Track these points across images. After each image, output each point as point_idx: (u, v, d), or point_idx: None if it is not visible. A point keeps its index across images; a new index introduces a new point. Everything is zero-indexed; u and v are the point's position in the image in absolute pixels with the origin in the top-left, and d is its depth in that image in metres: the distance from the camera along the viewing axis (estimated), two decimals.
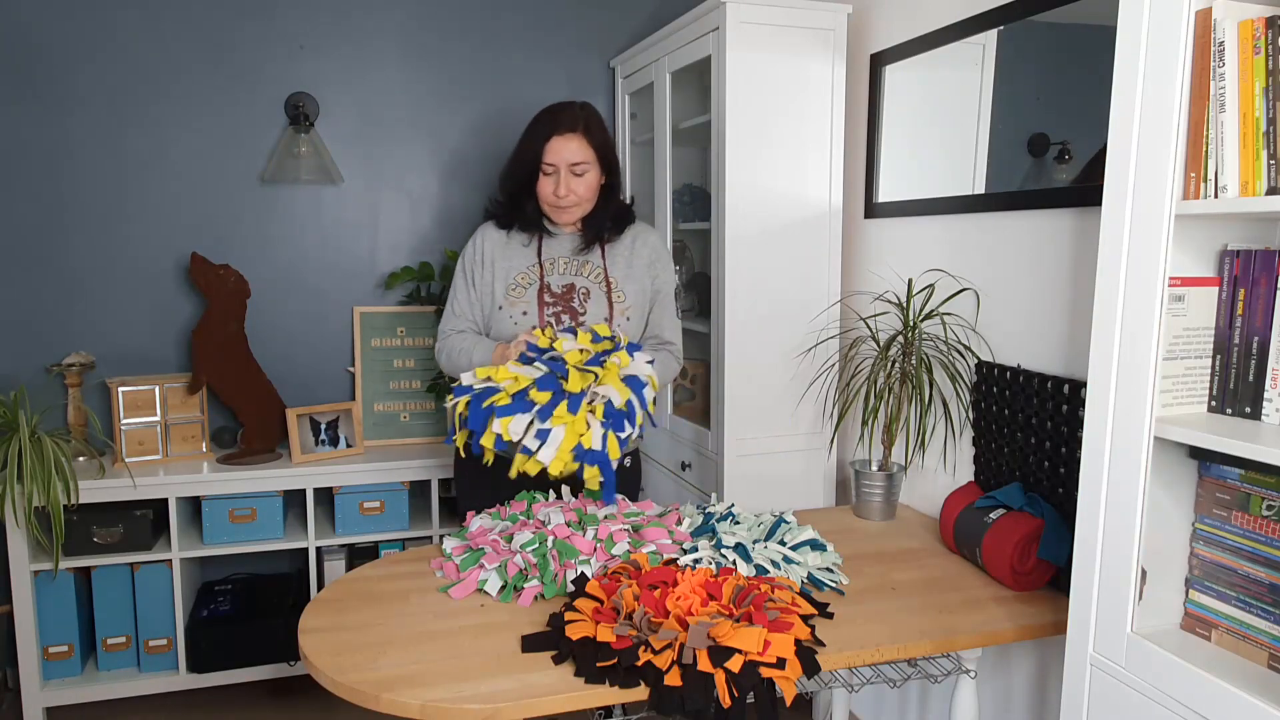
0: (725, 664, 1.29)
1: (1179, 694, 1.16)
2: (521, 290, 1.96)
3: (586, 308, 1.97)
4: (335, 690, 1.33)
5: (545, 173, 1.91)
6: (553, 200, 1.92)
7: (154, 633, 2.53)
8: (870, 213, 2.41)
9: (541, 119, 1.93)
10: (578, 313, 1.96)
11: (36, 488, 2.23)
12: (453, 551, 1.71)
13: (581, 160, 1.90)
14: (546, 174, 1.91)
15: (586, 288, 1.97)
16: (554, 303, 1.95)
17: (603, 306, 1.97)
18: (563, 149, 1.89)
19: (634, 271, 2.02)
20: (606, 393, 1.65)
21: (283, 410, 2.69)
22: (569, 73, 3.02)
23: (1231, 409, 1.20)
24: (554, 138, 1.89)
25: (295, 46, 2.77)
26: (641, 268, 2.03)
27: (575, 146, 1.89)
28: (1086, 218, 1.73)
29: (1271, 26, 1.06)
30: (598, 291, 1.98)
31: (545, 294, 1.95)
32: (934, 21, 2.13)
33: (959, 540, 1.83)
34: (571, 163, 1.89)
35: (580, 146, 1.90)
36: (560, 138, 1.89)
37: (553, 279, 1.97)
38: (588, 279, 1.98)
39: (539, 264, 1.97)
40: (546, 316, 1.94)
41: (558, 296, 1.96)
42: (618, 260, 2.02)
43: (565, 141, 1.89)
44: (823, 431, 2.44)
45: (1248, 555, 1.19)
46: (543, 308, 1.94)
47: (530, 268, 1.97)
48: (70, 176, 2.64)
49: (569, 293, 1.96)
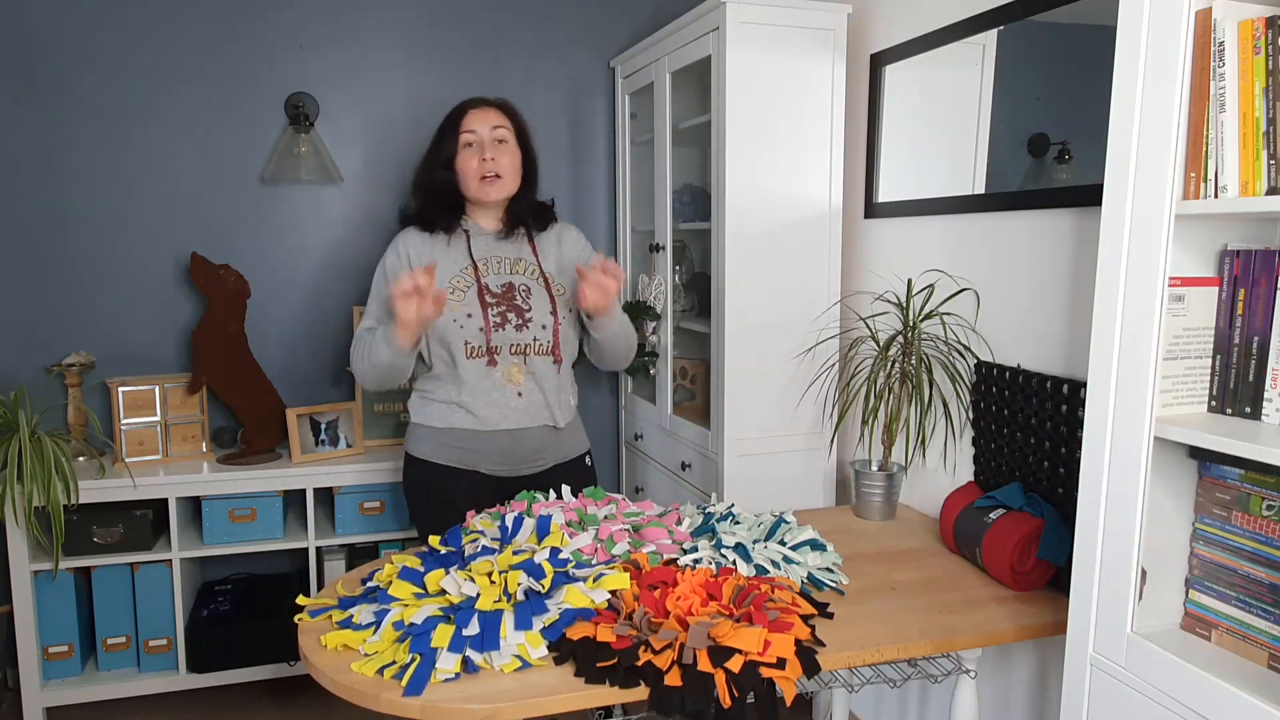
0: (725, 664, 1.29)
1: (1179, 694, 1.16)
2: (461, 294, 1.94)
3: (530, 304, 1.97)
4: (335, 690, 1.33)
5: (467, 144, 1.94)
6: (478, 170, 1.94)
7: (154, 633, 2.53)
8: (870, 213, 2.41)
9: (453, 106, 2.02)
10: (523, 310, 1.96)
11: (36, 488, 2.23)
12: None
13: (500, 125, 1.96)
14: (469, 146, 1.94)
15: (526, 285, 1.98)
16: (496, 302, 1.95)
17: (545, 301, 1.98)
18: (481, 118, 1.96)
19: (565, 264, 2.04)
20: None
21: (283, 410, 2.69)
22: (569, 73, 3.02)
23: (1231, 409, 1.20)
24: (471, 110, 1.96)
25: (295, 46, 2.77)
26: (570, 260, 2.05)
27: (494, 115, 1.97)
28: (1086, 218, 1.73)
29: (1271, 26, 1.06)
30: (537, 287, 1.99)
31: (485, 294, 1.95)
32: (934, 21, 2.13)
33: (959, 540, 1.83)
34: (493, 126, 1.95)
35: (498, 115, 1.98)
36: (477, 110, 1.96)
37: (489, 279, 1.97)
38: (525, 276, 1.99)
39: (473, 264, 1.97)
40: (493, 317, 1.93)
41: (499, 296, 1.96)
42: (548, 254, 2.04)
43: (483, 112, 1.96)
44: (823, 431, 2.44)
45: (1248, 555, 1.19)
46: (486, 309, 1.93)
47: (464, 270, 1.96)
48: (70, 176, 2.64)
49: (509, 291, 1.97)
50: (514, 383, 1.96)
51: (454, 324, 1.92)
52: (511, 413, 1.97)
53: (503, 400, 1.96)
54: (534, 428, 2.00)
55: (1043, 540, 1.65)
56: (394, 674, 1.32)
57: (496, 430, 1.97)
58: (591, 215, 3.11)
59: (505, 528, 1.65)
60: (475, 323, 1.92)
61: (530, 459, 2.03)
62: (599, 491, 1.86)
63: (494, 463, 2.00)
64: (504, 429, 1.97)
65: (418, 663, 1.31)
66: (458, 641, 1.34)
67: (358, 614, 1.46)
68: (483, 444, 1.98)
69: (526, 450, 2.01)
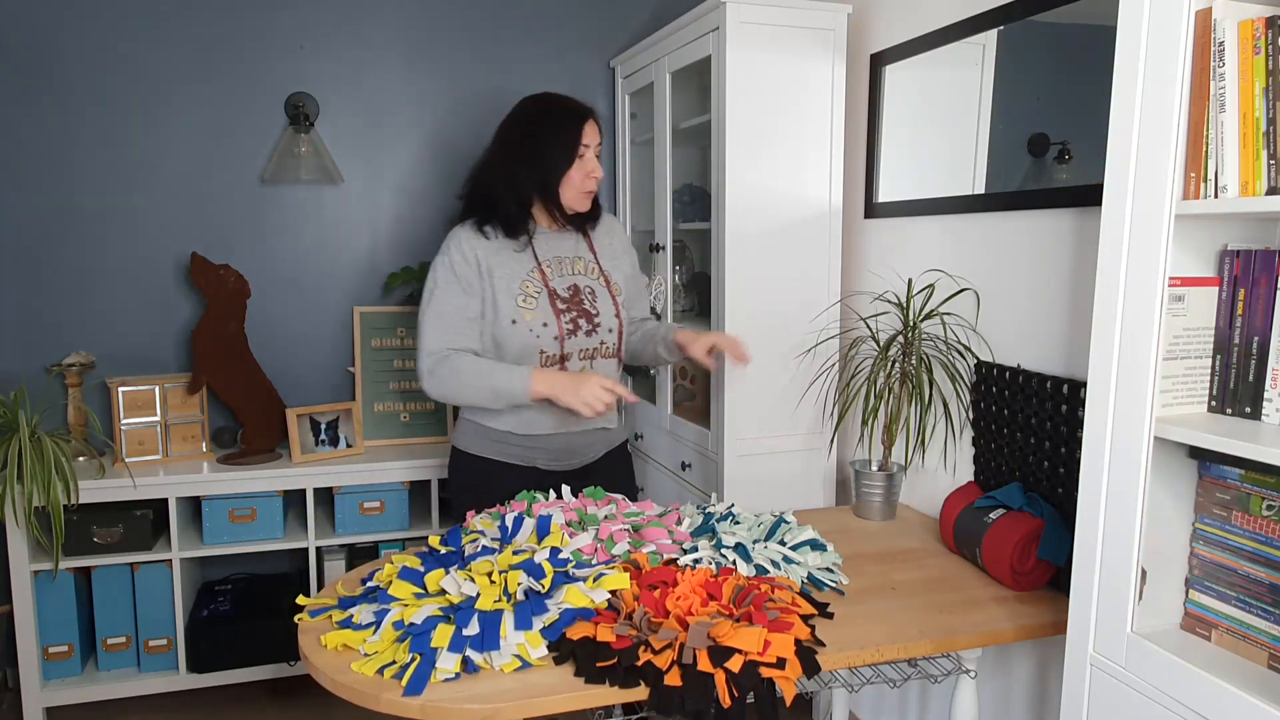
0: (725, 664, 1.29)
1: (1179, 694, 1.16)
2: (532, 299, 1.87)
3: (597, 307, 1.94)
4: (335, 690, 1.33)
5: (580, 156, 1.89)
6: (583, 185, 1.90)
7: (154, 633, 2.53)
8: (870, 213, 2.40)
9: (562, 106, 1.92)
10: (591, 315, 1.93)
11: (36, 488, 2.23)
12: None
13: (600, 142, 1.94)
14: (581, 158, 1.89)
15: (590, 287, 1.95)
16: (567, 308, 1.91)
17: (609, 303, 1.96)
18: (593, 130, 1.91)
19: (618, 261, 2.03)
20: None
21: (283, 410, 2.69)
22: (569, 73, 3.02)
23: (1231, 409, 1.20)
24: (588, 122, 1.90)
25: (295, 46, 2.77)
26: (620, 252, 2.04)
27: (597, 127, 1.93)
28: (1086, 218, 1.73)
29: (1271, 26, 1.06)
30: (600, 288, 1.97)
31: (556, 301, 1.90)
32: (934, 21, 2.13)
33: (959, 540, 1.83)
34: (597, 144, 1.92)
35: (598, 128, 1.94)
36: (590, 122, 1.91)
37: (555, 282, 1.92)
38: (588, 277, 1.96)
39: (538, 266, 1.91)
40: (565, 325, 1.89)
41: (568, 301, 1.91)
42: (603, 250, 2.02)
43: (594, 124, 1.92)
44: (823, 431, 2.44)
45: (1248, 555, 1.19)
46: (559, 316, 1.89)
47: (530, 272, 1.90)
48: (70, 176, 2.64)
49: (576, 295, 1.93)
50: None
51: (529, 334, 1.87)
52: (556, 418, 1.94)
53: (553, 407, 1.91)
54: (594, 428, 2.00)
55: (1043, 540, 1.65)
56: (394, 674, 1.32)
57: (558, 433, 1.96)
58: None
59: (505, 528, 1.65)
60: (550, 331, 1.87)
61: (585, 453, 2.03)
62: (599, 491, 1.86)
63: (550, 459, 1.99)
64: (565, 431, 1.96)
65: (418, 663, 1.31)
66: (458, 641, 1.34)
67: (358, 614, 1.46)
68: (542, 444, 1.96)
69: (583, 446, 2.01)
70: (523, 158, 1.88)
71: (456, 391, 1.85)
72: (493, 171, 1.91)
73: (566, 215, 1.95)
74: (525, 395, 1.82)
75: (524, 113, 1.93)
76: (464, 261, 1.87)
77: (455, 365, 1.84)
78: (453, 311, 1.86)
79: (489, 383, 1.82)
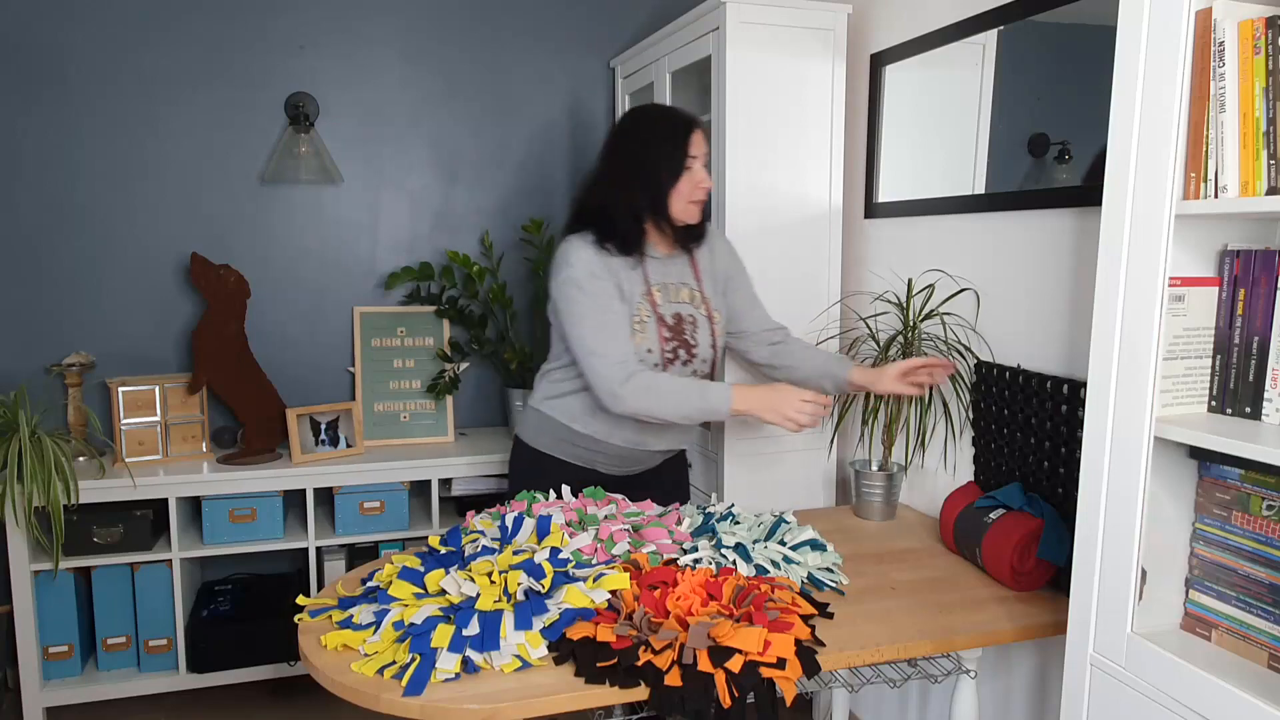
0: (725, 664, 1.29)
1: (1179, 694, 1.16)
2: (642, 324, 1.83)
3: (697, 339, 1.91)
4: (335, 690, 1.33)
5: (687, 167, 1.83)
6: (691, 195, 1.84)
7: (154, 633, 2.53)
8: (870, 213, 2.41)
9: (666, 117, 1.87)
10: (690, 345, 1.90)
11: (36, 488, 2.23)
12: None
13: (708, 151, 1.89)
14: (688, 169, 1.84)
15: (693, 316, 1.91)
16: (671, 337, 1.87)
17: (708, 335, 1.93)
18: (701, 140, 1.85)
19: (717, 284, 2.00)
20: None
21: (283, 410, 2.69)
22: (569, 73, 3.02)
23: (1231, 409, 1.20)
24: (696, 131, 1.84)
25: (295, 46, 2.77)
26: (722, 269, 2.01)
27: (704, 139, 1.87)
28: (1086, 218, 1.73)
29: (1271, 26, 1.06)
30: (702, 319, 1.93)
31: (663, 328, 1.86)
32: (934, 21, 2.13)
33: (959, 540, 1.83)
34: (705, 154, 1.86)
35: (705, 139, 1.88)
36: (698, 132, 1.85)
37: (664, 308, 1.87)
38: (691, 306, 1.92)
39: (649, 292, 1.87)
40: (666, 353, 1.86)
41: (672, 330, 1.88)
42: (705, 272, 1.98)
43: (701, 134, 1.85)
44: (823, 431, 2.44)
45: (1248, 555, 1.19)
46: (663, 344, 1.86)
47: (643, 296, 1.85)
48: (71, 176, 2.64)
49: (679, 324, 1.89)
50: None
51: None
52: (652, 435, 1.95)
53: (649, 428, 1.92)
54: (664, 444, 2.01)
55: (1043, 540, 1.65)
56: (394, 674, 1.32)
57: (630, 447, 1.96)
58: None
59: (505, 528, 1.65)
60: (653, 358, 1.85)
61: (647, 461, 2.03)
62: (599, 491, 1.86)
63: (613, 465, 1.99)
64: (637, 447, 1.96)
65: (418, 663, 1.31)
66: (458, 641, 1.34)
67: (358, 614, 1.46)
68: (612, 450, 1.96)
69: (646, 456, 2.01)
70: (632, 172, 1.84)
71: (652, 407, 1.77)
72: (604, 188, 1.87)
73: (675, 229, 1.89)
74: (727, 413, 1.78)
75: (629, 126, 1.90)
76: (604, 270, 1.81)
77: (648, 384, 1.77)
78: (615, 320, 1.80)
79: (697, 404, 1.77)
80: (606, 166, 1.88)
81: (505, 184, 3.01)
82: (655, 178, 1.82)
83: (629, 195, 1.83)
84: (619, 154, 1.87)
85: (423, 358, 2.88)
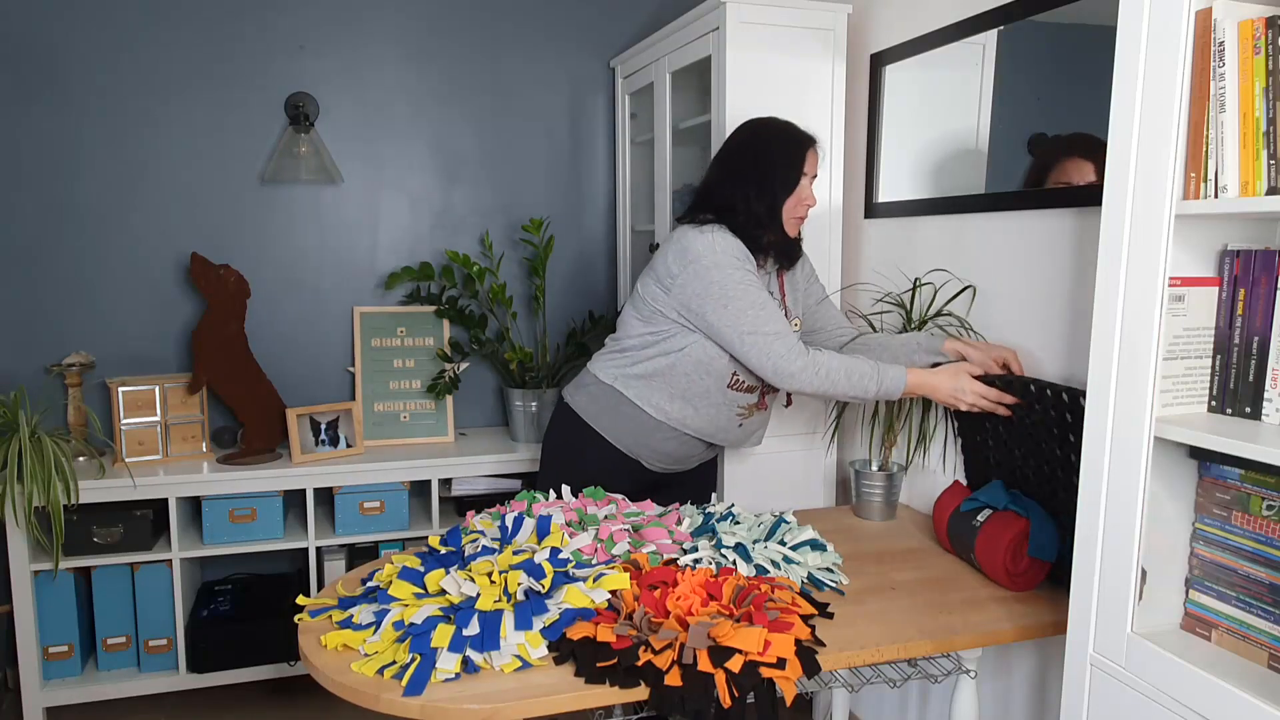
0: (725, 664, 1.29)
1: (1179, 694, 1.16)
2: None
3: None
4: (335, 690, 1.33)
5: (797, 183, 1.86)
6: (795, 211, 1.87)
7: (154, 633, 2.53)
8: (870, 213, 2.41)
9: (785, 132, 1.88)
10: None
11: (36, 488, 2.23)
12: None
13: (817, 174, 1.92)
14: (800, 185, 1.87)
15: None
16: None
17: None
18: (815, 158, 1.89)
19: (798, 296, 2.01)
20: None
21: (283, 410, 2.69)
22: (569, 73, 3.02)
23: (1231, 409, 1.20)
24: (811, 149, 1.87)
25: (295, 46, 2.77)
26: (801, 282, 2.03)
27: (818, 158, 1.91)
28: (1086, 218, 1.73)
29: (1271, 26, 1.06)
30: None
31: None
32: (934, 21, 2.13)
33: (954, 544, 1.83)
34: (815, 173, 1.90)
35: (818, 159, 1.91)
36: (814, 150, 1.88)
37: None
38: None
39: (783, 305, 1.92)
40: None
41: None
42: (790, 288, 1.99)
43: (815, 152, 1.89)
44: (823, 431, 2.44)
45: (1248, 555, 1.19)
46: None
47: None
48: (70, 176, 2.64)
49: None
50: (744, 414, 1.95)
51: (734, 361, 1.87)
52: (720, 433, 1.96)
53: (723, 423, 1.94)
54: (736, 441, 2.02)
55: (1031, 539, 1.64)
56: (394, 674, 1.32)
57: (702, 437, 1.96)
58: (591, 215, 3.11)
59: (505, 528, 1.65)
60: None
61: (688, 462, 2.04)
62: (599, 492, 1.86)
63: (657, 460, 1.99)
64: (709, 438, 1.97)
65: (418, 663, 1.31)
66: (458, 641, 1.34)
67: (358, 614, 1.46)
68: (662, 445, 1.96)
69: (690, 457, 2.02)
70: (750, 183, 1.85)
71: (825, 386, 1.79)
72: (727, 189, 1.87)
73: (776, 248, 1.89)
74: (900, 391, 1.79)
75: (749, 139, 1.90)
76: (747, 256, 1.82)
77: (822, 362, 1.79)
78: (770, 300, 1.82)
79: (872, 384, 1.78)
80: (722, 178, 1.89)
81: (505, 184, 3.01)
82: (771, 189, 1.84)
83: (748, 203, 1.84)
84: (735, 166, 1.88)
85: (423, 358, 2.88)
